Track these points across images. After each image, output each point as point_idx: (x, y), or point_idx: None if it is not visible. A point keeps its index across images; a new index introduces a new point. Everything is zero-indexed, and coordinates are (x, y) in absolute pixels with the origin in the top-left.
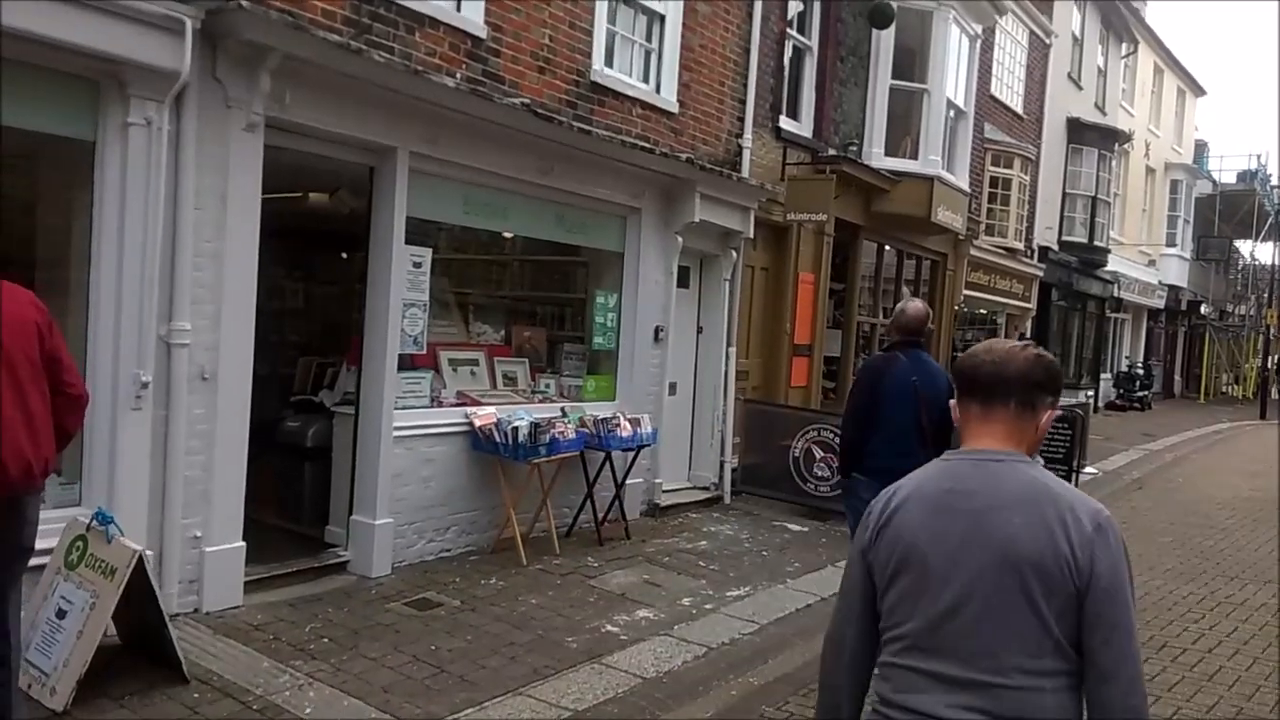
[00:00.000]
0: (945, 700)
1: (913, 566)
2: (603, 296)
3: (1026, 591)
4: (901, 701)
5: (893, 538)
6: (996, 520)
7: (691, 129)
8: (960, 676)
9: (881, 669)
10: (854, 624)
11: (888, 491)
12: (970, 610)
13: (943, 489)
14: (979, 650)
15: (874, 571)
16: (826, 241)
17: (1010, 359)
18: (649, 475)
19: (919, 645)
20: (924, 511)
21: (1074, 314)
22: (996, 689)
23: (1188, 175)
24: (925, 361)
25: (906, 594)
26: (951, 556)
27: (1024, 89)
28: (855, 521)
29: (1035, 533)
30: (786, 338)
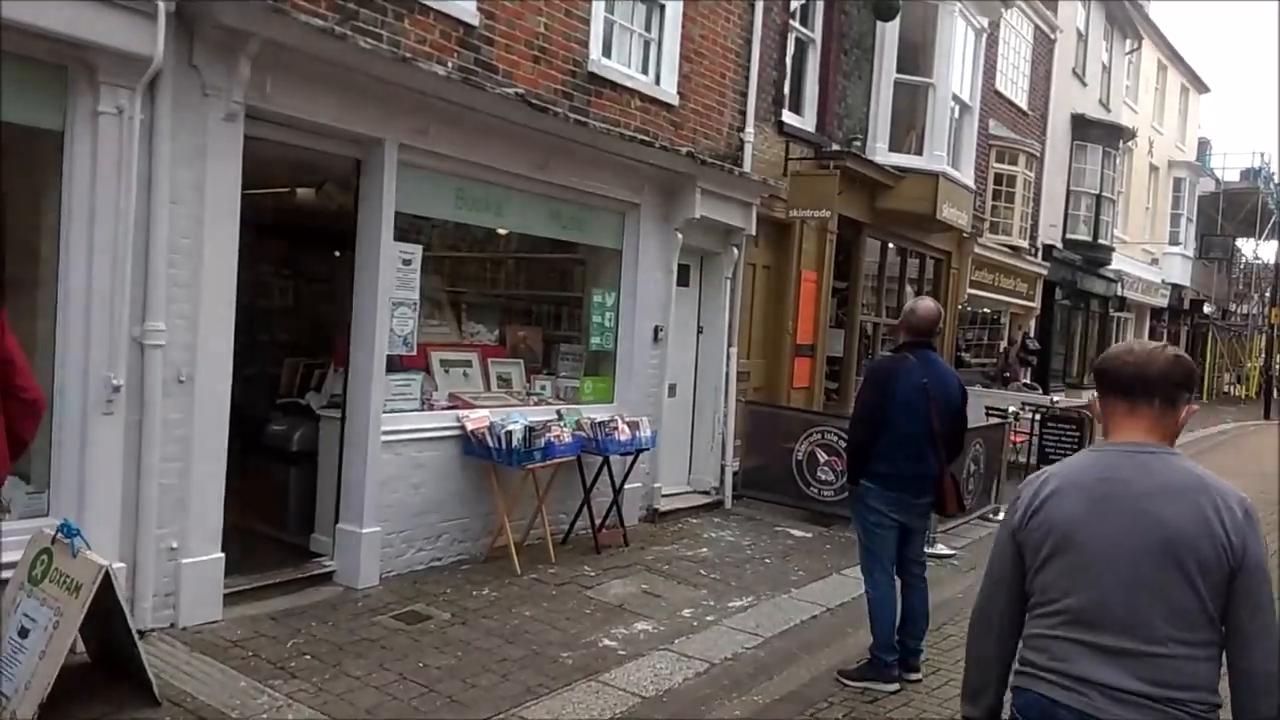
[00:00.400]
0: (1103, 668)
1: (1072, 548)
2: (600, 295)
3: (1185, 571)
4: (1059, 669)
5: (1047, 522)
6: (1154, 507)
7: (692, 122)
8: (1118, 647)
9: (1032, 640)
10: (1003, 600)
11: (1036, 478)
12: (1131, 588)
13: (1098, 478)
14: (1138, 623)
15: (1025, 552)
16: (829, 239)
17: (1152, 360)
18: (648, 480)
19: (1078, 619)
20: (1081, 499)
21: (1077, 313)
22: (1154, 658)
23: (1191, 173)
24: (936, 363)
25: (1064, 573)
26: (1112, 540)
27: (1029, 84)
28: (863, 529)
29: (1192, 519)
30: (789, 338)
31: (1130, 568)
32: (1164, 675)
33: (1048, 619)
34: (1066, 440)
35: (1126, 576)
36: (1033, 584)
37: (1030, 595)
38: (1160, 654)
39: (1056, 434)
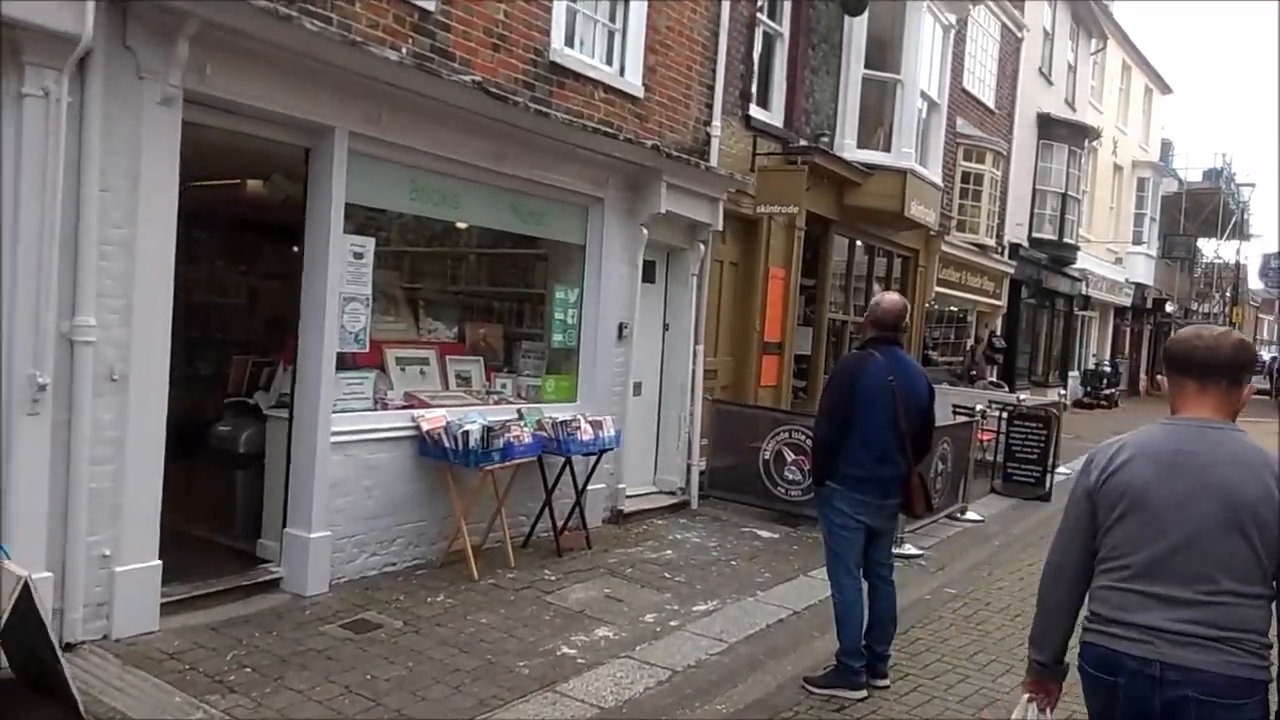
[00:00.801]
0: (1166, 615)
1: (1143, 509)
2: (563, 291)
3: (1244, 531)
4: (1123, 618)
5: (1121, 484)
6: (1220, 475)
7: (657, 115)
8: (1180, 597)
9: (1100, 593)
10: (1075, 554)
11: (1110, 445)
12: (1195, 546)
13: (1171, 449)
14: (1200, 576)
15: (1099, 511)
16: (798, 235)
17: (1220, 345)
18: (612, 480)
19: (1144, 573)
20: (1154, 466)
21: (1043, 311)
22: (1213, 606)
23: (1154, 173)
24: (903, 360)
25: (1134, 531)
26: (1180, 503)
27: (996, 83)
28: (828, 531)
29: (1254, 486)
30: (756, 335)
31: (1195, 528)
32: (1222, 618)
33: (1116, 572)
34: (1033, 438)
35: (1191, 535)
36: (1103, 541)
37: (1099, 551)
38: (1218, 603)
39: (1023, 432)
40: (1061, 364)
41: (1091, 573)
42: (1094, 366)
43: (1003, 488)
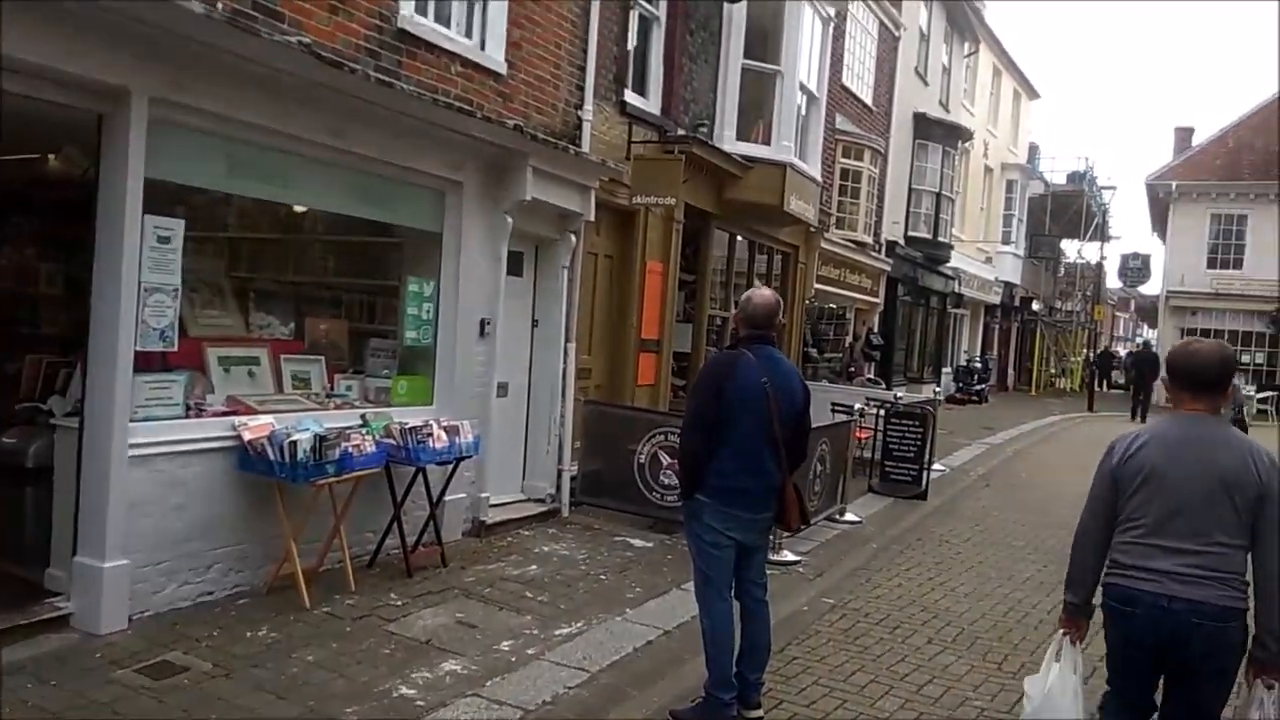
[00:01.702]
0: (1173, 562)
1: (1155, 481)
2: (418, 284)
3: (1231, 497)
4: (1141, 564)
5: (1138, 463)
6: (1212, 456)
7: (523, 94)
8: (1183, 547)
9: (1121, 546)
10: (1100, 518)
11: (1128, 435)
12: (1194, 509)
13: (1175, 436)
14: (1198, 531)
15: (1120, 484)
16: (676, 228)
17: (1211, 358)
18: (473, 489)
19: (1155, 530)
20: (1163, 449)
21: (918, 309)
22: (1207, 554)
23: (1022, 175)
24: (777, 359)
25: (1148, 498)
26: (1184, 475)
27: (874, 80)
28: (697, 550)
29: (1238, 463)
30: (633, 332)
31: (1194, 495)
32: (1214, 563)
33: (1134, 530)
34: (910, 436)
35: (1191, 501)
36: (1123, 507)
37: (1119, 515)
38: (1212, 551)
39: (900, 430)
40: (935, 361)
41: (1111, 533)
42: (965, 363)
43: (880, 486)
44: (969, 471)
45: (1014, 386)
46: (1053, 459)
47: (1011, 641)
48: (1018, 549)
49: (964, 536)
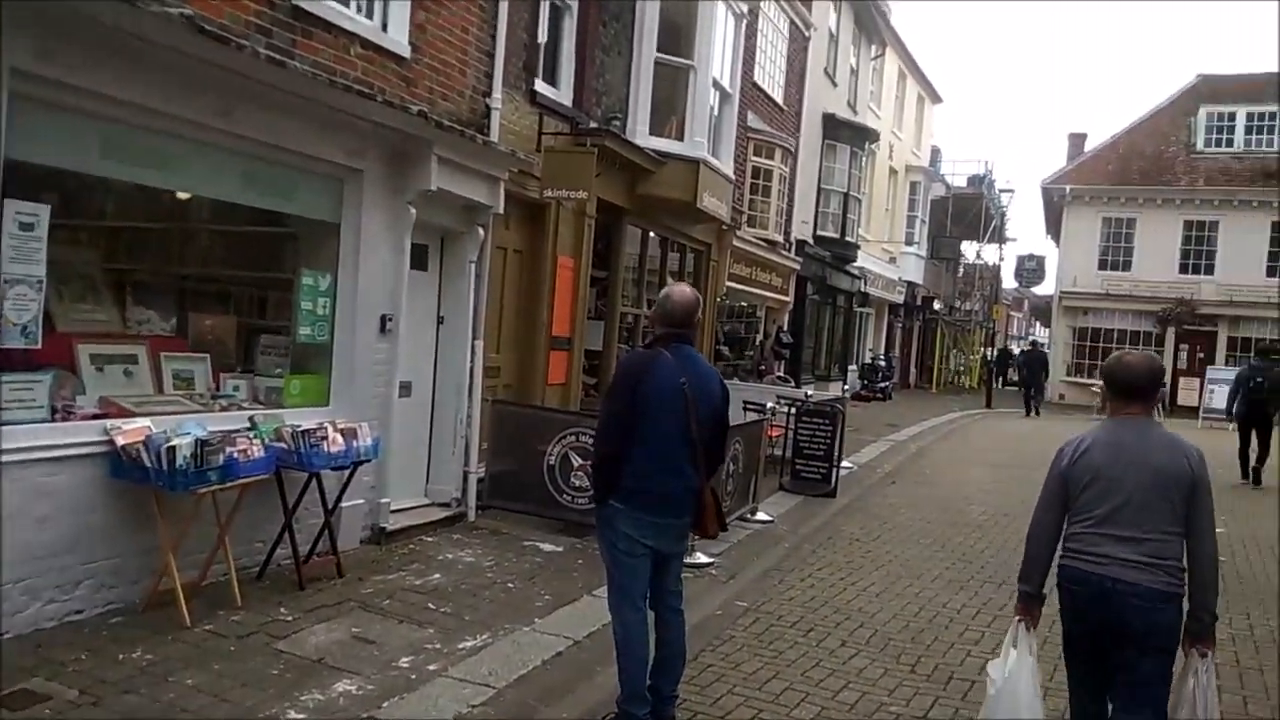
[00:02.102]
0: (1117, 549)
1: (1100, 479)
2: (312, 277)
3: (1166, 491)
4: (1090, 550)
5: (1086, 464)
6: (1149, 453)
7: (428, 79)
8: (1127, 535)
9: (1073, 536)
10: (1054, 514)
11: (1075, 439)
12: (1136, 501)
13: (1116, 439)
14: (1139, 521)
15: (1069, 483)
16: (588, 223)
17: (1142, 369)
18: (373, 494)
19: (1103, 521)
20: (1108, 449)
21: (826, 308)
22: (1148, 541)
23: (925, 178)
24: (695, 359)
25: (1095, 495)
26: (1124, 472)
27: (785, 80)
28: (611, 558)
29: (1172, 460)
30: (543, 330)
31: (1136, 489)
32: (1154, 550)
33: (1084, 523)
34: (820, 434)
35: (1134, 495)
36: (1074, 503)
37: (1069, 510)
38: (1152, 539)
39: (811, 428)
40: (842, 359)
41: (1061, 527)
42: (870, 361)
43: (791, 484)
44: (875, 469)
45: (916, 384)
46: (955, 456)
47: (924, 643)
48: (925, 546)
49: (873, 534)
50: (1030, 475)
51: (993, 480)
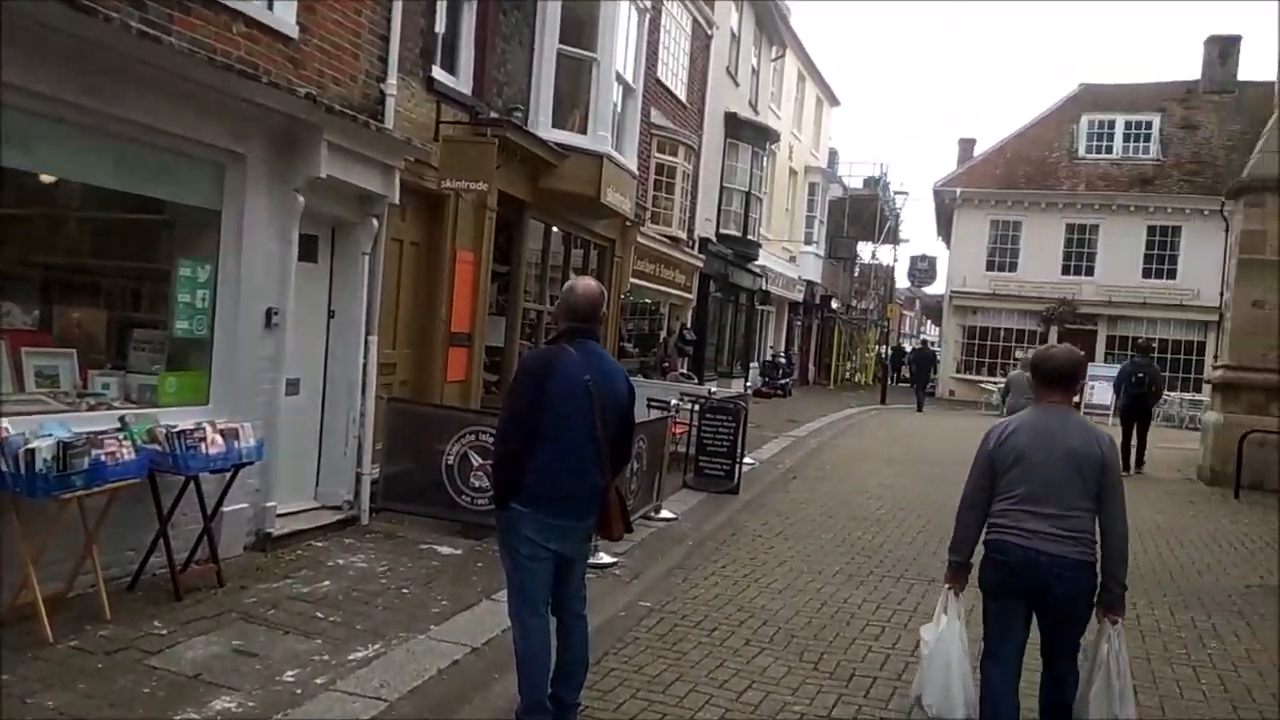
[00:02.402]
0: (1039, 524)
1: (1024, 461)
2: (191, 268)
3: (1081, 472)
4: (1015, 525)
5: (1009, 446)
6: (1066, 440)
7: (318, 62)
8: (1048, 512)
9: (999, 512)
10: (981, 492)
11: (1001, 424)
12: (1054, 481)
13: (1039, 425)
14: (1057, 499)
15: (995, 464)
16: (489, 216)
17: (1064, 361)
18: (258, 498)
19: (1026, 500)
20: (1030, 434)
21: (728, 305)
22: (1066, 517)
23: (823, 179)
24: (600, 356)
25: (1018, 475)
26: (1046, 455)
27: (688, 77)
28: (512, 563)
29: (1086, 444)
30: (442, 325)
31: (1054, 470)
32: (1071, 526)
33: (1008, 501)
34: (724, 431)
35: (1052, 475)
36: (999, 483)
37: (995, 489)
38: (1069, 515)
39: (714, 424)
40: (744, 356)
41: (989, 504)
42: (771, 358)
43: (694, 482)
44: (777, 465)
45: (814, 381)
46: (853, 451)
47: (826, 639)
48: (826, 541)
49: (775, 530)
50: (925, 469)
51: (890, 474)
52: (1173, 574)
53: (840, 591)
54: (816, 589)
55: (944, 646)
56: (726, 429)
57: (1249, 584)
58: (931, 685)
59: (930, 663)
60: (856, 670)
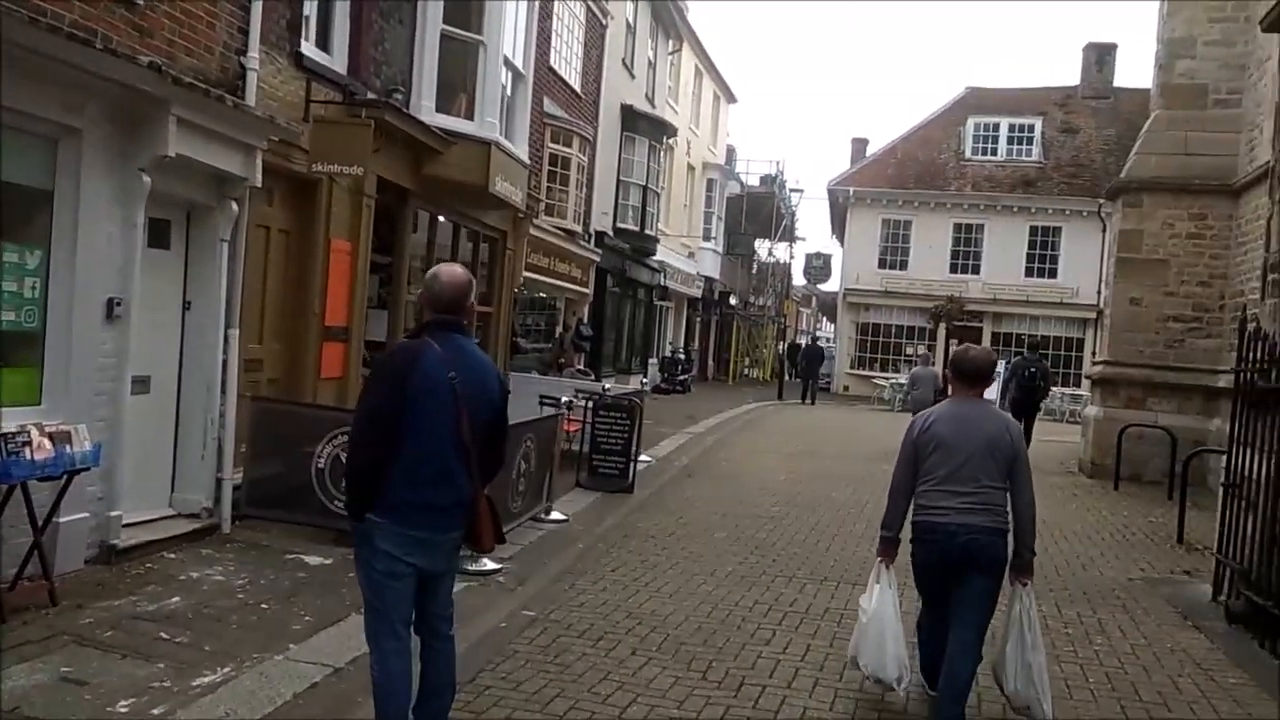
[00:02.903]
0: (957, 501)
1: (943, 447)
2: (18, 253)
3: (994, 454)
4: (936, 505)
5: (932, 434)
6: (981, 426)
7: (167, 30)
8: (963, 490)
9: (922, 494)
10: (908, 475)
11: (924, 415)
12: (970, 464)
13: (956, 414)
14: (973, 479)
15: (919, 450)
16: (367, 204)
17: (980, 360)
18: (101, 506)
19: (945, 480)
20: (947, 424)
21: (626, 300)
22: (979, 493)
23: (721, 175)
24: (468, 351)
25: (939, 460)
26: (962, 441)
27: (582, 66)
28: (368, 581)
29: (998, 431)
30: (315, 319)
31: (971, 454)
32: (985, 500)
33: (931, 482)
34: (618, 428)
35: (969, 458)
36: (922, 467)
37: (919, 472)
38: (984, 491)
39: (608, 422)
40: (643, 352)
41: (914, 485)
42: (670, 354)
43: (588, 481)
44: (673, 462)
45: (713, 377)
46: (751, 447)
47: (716, 645)
48: (720, 541)
49: (669, 530)
50: (819, 464)
51: (786, 471)
52: (1058, 568)
53: (732, 594)
54: (708, 591)
55: (879, 614)
56: (621, 426)
57: (1130, 576)
58: (867, 649)
59: (867, 629)
60: (746, 679)
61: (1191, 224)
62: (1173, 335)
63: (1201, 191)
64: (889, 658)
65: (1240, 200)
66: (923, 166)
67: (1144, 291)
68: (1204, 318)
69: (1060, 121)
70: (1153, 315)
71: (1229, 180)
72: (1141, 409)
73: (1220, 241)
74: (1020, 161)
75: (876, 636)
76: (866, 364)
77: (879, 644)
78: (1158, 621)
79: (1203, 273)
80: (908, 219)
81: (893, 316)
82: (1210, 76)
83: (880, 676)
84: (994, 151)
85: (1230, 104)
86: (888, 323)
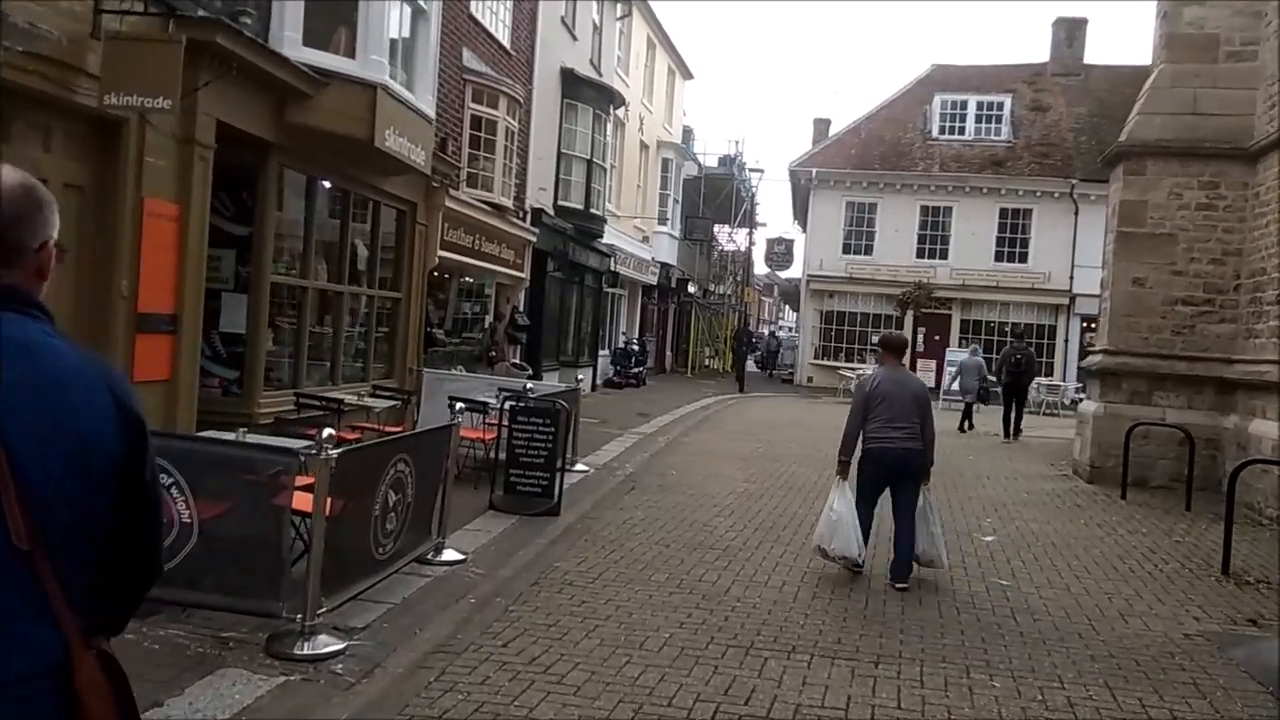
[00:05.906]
0: (897, 432)
1: (887, 398)
2: None
3: (916, 401)
4: (883, 435)
5: (876, 390)
6: (908, 384)
7: None
8: (901, 424)
9: (871, 429)
10: (859, 419)
11: (868, 377)
12: (904, 408)
13: (893, 377)
14: (906, 416)
15: (870, 400)
16: (201, 155)
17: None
18: None
19: (888, 421)
20: (887, 381)
21: (572, 287)
22: (910, 428)
23: (677, 155)
24: (25, 351)
25: (883, 406)
26: (898, 393)
27: (512, 20)
28: None
29: (919, 387)
30: (124, 303)
31: (904, 402)
32: (913, 431)
33: (878, 422)
34: (540, 437)
35: (904, 405)
36: (871, 412)
37: (868, 416)
38: (911, 425)
39: (528, 430)
40: (593, 343)
41: (864, 424)
42: (623, 345)
43: (503, 501)
44: (615, 470)
45: (671, 368)
46: (705, 448)
47: None
48: (658, 588)
49: (595, 573)
50: (783, 470)
51: (744, 478)
52: (1093, 621)
53: (665, 681)
54: (633, 678)
55: (843, 515)
56: (544, 435)
57: (1186, 631)
58: (839, 539)
59: (837, 525)
60: None
61: (1202, 193)
62: (1181, 320)
63: (1213, 156)
64: (853, 543)
65: (1258, 166)
66: (888, 146)
67: (1148, 271)
68: (1216, 300)
69: (1030, 99)
70: (1158, 297)
71: (1244, 143)
72: (1146, 404)
73: (1235, 213)
74: (989, 141)
75: (845, 529)
76: (831, 354)
77: (846, 535)
78: (1243, 704)
79: (1215, 249)
80: (873, 201)
81: (858, 304)
82: (1222, 25)
83: (847, 554)
84: (961, 130)
85: (1245, 56)
86: (853, 310)
